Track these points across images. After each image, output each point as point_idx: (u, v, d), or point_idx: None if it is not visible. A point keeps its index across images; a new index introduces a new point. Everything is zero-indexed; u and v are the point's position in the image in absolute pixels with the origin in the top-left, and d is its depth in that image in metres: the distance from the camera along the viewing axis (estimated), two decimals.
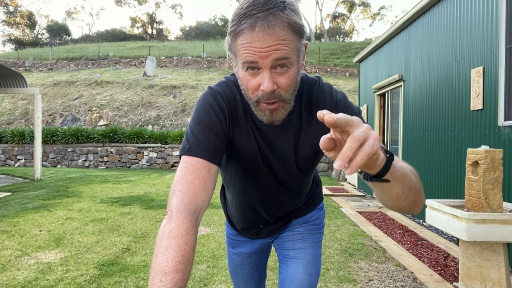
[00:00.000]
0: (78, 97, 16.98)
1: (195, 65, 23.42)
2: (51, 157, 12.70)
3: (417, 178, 0.78)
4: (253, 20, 0.77)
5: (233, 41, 0.83)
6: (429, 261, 3.46)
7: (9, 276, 2.93)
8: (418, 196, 0.78)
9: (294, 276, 1.23)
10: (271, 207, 1.19)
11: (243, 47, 0.80)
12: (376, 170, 0.65)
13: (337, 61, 25.02)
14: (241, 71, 0.85)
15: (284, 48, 0.79)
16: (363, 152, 0.52)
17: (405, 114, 6.04)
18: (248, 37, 0.79)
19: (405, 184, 0.72)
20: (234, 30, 0.81)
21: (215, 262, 3.32)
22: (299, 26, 0.81)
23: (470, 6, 4.19)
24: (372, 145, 0.53)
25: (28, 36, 47.31)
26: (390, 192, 0.72)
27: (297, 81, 0.88)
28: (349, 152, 0.52)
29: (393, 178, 0.68)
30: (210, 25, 46.57)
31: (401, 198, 0.74)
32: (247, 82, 0.85)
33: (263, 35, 0.77)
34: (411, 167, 0.79)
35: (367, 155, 0.52)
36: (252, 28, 0.78)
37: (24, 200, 6.16)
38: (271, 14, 0.77)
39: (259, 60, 0.79)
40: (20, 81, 9.00)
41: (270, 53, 0.78)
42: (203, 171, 0.85)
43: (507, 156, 3.35)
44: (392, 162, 0.66)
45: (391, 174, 0.67)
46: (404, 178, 0.72)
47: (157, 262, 0.69)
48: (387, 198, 0.75)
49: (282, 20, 0.78)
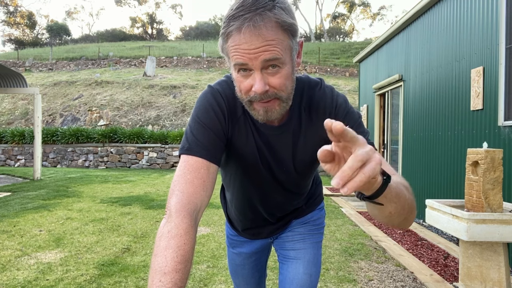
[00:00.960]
0: (78, 97, 16.98)
1: (195, 65, 23.42)
2: (51, 157, 12.70)
3: (411, 195, 0.76)
4: (240, 21, 0.77)
5: (224, 43, 0.83)
6: (429, 261, 3.46)
7: (9, 276, 2.93)
8: (410, 213, 0.76)
9: (294, 276, 1.23)
10: (271, 207, 1.18)
11: (232, 49, 0.80)
12: (371, 192, 0.63)
13: (337, 61, 25.02)
14: (234, 73, 0.85)
15: (273, 49, 0.78)
16: (363, 173, 0.50)
17: (405, 114, 6.03)
18: (236, 39, 0.78)
19: (398, 204, 0.70)
20: (224, 32, 0.81)
21: (215, 262, 3.32)
22: (289, 25, 0.80)
23: (470, 6, 4.19)
24: (374, 168, 0.51)
25: (28, 36, 47.31)
26: (383, 210, 0.71)
27: (292, 79, 0.87)
28: (349, 172, 0.50)
29: (387, 199, 0.66)
30: (210, 25, 46.57)
31: (393, 216, 0.73)
32: (239, 83, 0.85)
33: (250, 36, 0.77)
34: (406, 182, 0.77)
35: (367, 178, 0.50)
36: (239, 30, 0.77)
37: (24, 200, 6.16)
38: (258, 15, 0.76)
39: (248, 61, 0.79)
40: (20, 81, 9.00)
41: (259, 54, 0.78)
42: (202, 171, 0.85)
43: (507, 156, 3.35)
44: (388, 184, 0.63)
45: (385, 195, 0.65)
46: (398, 198, 0.70)
47: (156, 262, 0.69)
48: (379, 214, 0.74)
49: (269, 20, 0.77)
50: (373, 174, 0.51)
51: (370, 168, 0.51)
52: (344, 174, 0.50)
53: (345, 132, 0.51)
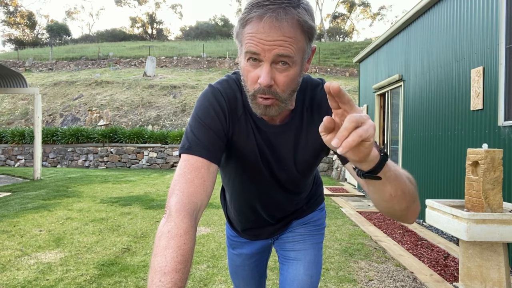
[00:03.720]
0: (78, 97, 16.98)
1: (195, 65, 23.42)
2: (51, 157, 12.70)
3: (412, 185, 0.77)
4: (263, 10, 0.76)
5: (241, 29, 0.82)
6: (429, 261, 3.46)
7: (9, 276, 2.93)
8: (413, 202, 0.76)
9: (295, 277, 1.22)
10: (270, 208, 1.18)
11: (248, 36, 0.79)
12: (369, 167, 0.65)
13: (337, 61, 25.03)
14: (243, 61, 0.84)
15: (289, 45, 0.78)
16: (356, 133, 0.55)
17: (405, 114, 6.03)
18: (254, 27, 0.78)
19: (398, 186, 0.71)
20: (243, 18, 0.80)
21: (215, 262, 3.32)
22: (309, 27, 0.80)
23: (470, 6, 4.19)
24: (367, 129, 0.56)
25: (28, 36, 47.31)
26: (382, 192, 0.71)
27: (297, 82, 0.87)
28: (345, 132, 0.55)
29: (386, 177, 0.68)
30: (210, 25, 46.58)
31: (393, 200, 0.73)
32: (247, 72, 0.84)
33: (269, 27, 0.76)
34: (408, 174, 0.78)
35: (359, 137, 0.55)
36: (260, 18, 0.77)
37: (24, 200, 6.16)
38: (282, 9, 0.76)
39: (261, 52, 0.78)
40: (20, 81, 9.00)
41: (274, 47, 0.77)
42: (203, 170, 0.84)
43: (507, 156, 3.34)
44: (386, 161, 0.66)
45: (384, 173, 0.67)
46: (398, 180, 0.71)
47: (156, 262, 0.69)
48: (379, 197, 0.74)
49: (292, 17, 0.77)
50: (366, 135, 0.56)
51: (363, 129, 0.55)
52: (340, 134, 0.55)
53: (341, 92, 0.56)
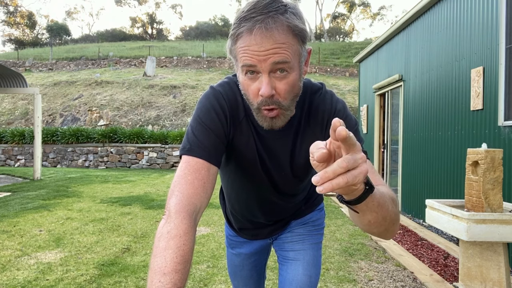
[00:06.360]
0: (78, 97, 16.98)
1: (195, 65, 23.42)
2: (51, 157, 12.70)
3: (395, 207, 0.74)
4: (252, 23, 0.76)
5: (233, 45, 0.82)
6: (429, 261, 3.46)
7: (9, 276, 2.93)
8: (392, 225, 0.75)
9: (294, 277, 1.22)
10: (267, 209, 1.18)
11: (242, 50, 0.79)
12: (350, 197, 0.62)
13: (337, 61, 25.02)
14: (241, 75, 0.84)
15: (283, 52, 0.78)
16: (343, 178, 0.51)
17: (405, 114, 6.03)
18: (246, 40, 0.78)
19: (379, 214, 0.69)
20: (234, 33, 0.80)
21: (215, 262, 3.32)
22: (300, 30, 0.80)
23: (470, 6, 4.19)
24: (355, 176, 0.52)
25: (28, 36, 47.31)
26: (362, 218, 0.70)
27: (298, 87, 0.86)
28: (331, 175, 0.51)
29: (367, 207, 0.65)
30: (210, 25, 46.56)
31: (372, 226, 0.72)
32: (247, 87, 0.84)
33: (261, 38, 0.76)
34: (393, 194, 0.76)
35: (345, 183, 0.51)
36: (250, 31, 0.77)
37: (24, 200, 6.16)
38: (270, 17, 0.76)
39: (257, 63, 0.78)
40: (20, 81, 9.00)
41: (268, 56, 0.77)
42: (203, 172, 0.84)
43: (507, 156, 3.34)
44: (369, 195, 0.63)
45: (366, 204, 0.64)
46: (380, 208, 0.68)
47: (155, 263, 0.69)
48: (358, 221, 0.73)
49: (281, 24, 0.77)
50: (353, 182, 0.52)
51: (352, 176, 0.51)
52: (325, 175, 0.51)
53: (349, 138, 0.50)
